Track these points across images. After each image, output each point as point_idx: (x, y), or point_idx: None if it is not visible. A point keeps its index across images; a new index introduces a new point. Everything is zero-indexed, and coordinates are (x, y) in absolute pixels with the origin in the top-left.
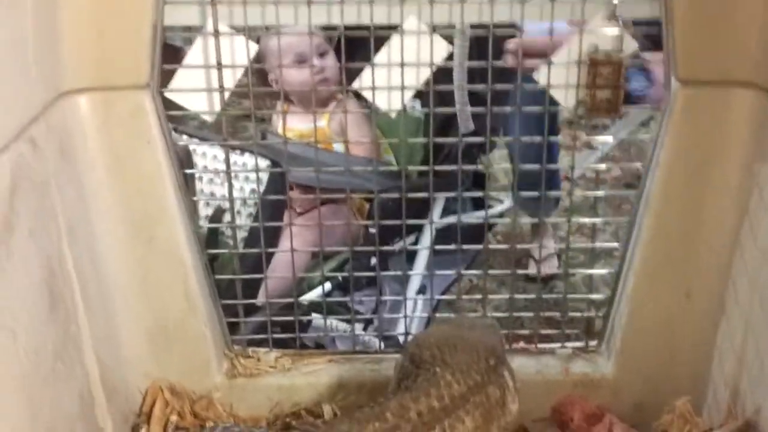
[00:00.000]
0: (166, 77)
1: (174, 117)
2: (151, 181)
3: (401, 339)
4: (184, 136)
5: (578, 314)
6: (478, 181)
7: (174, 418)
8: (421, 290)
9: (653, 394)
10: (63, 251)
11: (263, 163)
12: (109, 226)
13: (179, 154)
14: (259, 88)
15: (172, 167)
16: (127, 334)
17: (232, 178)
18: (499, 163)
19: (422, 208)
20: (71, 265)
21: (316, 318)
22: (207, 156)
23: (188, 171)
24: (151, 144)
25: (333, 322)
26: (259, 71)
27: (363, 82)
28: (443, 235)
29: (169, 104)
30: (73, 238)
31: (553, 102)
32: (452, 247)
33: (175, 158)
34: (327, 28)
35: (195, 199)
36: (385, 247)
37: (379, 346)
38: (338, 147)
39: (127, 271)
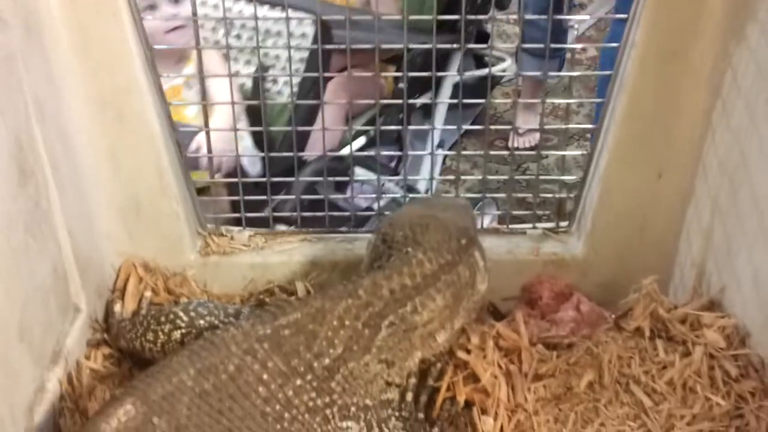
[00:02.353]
0: None
1: None
2: (118, 55)
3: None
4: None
5: (550, 196)
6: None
7: (148, 294)
8: (440, 144)
9: (622, 274)
10: (31, 127)
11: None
12: (78, 102)
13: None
14: None
15: (140, 41)
16: (99, 211)
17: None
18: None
19: (439, 64)
20: (40, 141)
21: (358, 171)
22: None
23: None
24: (117, 17)
25: (363, 172)
26: None
27: None
28: (456, 93)
29: None
30: (41, 114)
31: None
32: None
33: (141, 32)
34: None
35: (162, 75)
36: (411, 100)
37: (404, 198)
38: None
39: (97, 147)
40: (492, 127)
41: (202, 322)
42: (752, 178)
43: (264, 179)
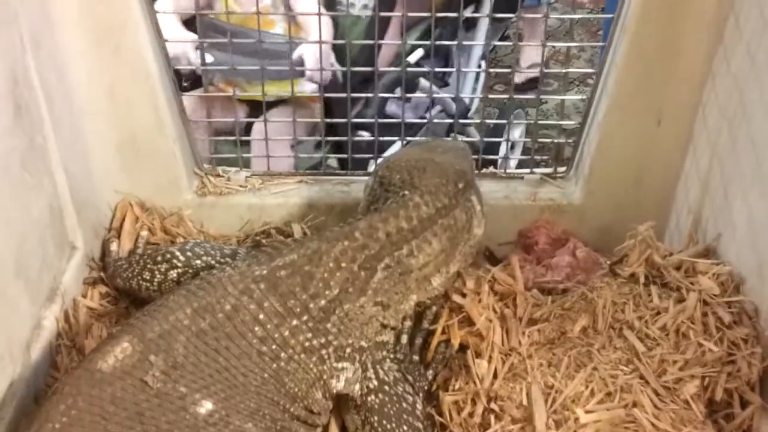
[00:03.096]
0: None
1: None
2: None
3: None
4: None
5: (548, 141)
6: None
7: (144, 233)
8: (483, 56)
9: (618, 220)
10: (27, 61)
11: None
12: (73, 36)
13: None
14: None
15: None
16: (95, 148)
17: None
18: None
19: None
20: (35, 75)
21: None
22: None
23: None
24: None
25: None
26: None
27: None
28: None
29: None
30: (36, 48)
31: None
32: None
33: None
34: None
35: (158, 12)
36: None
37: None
38: None
39: (93, 83)
40: (492, 70)
41: (198, 262)
42: (751, 124)
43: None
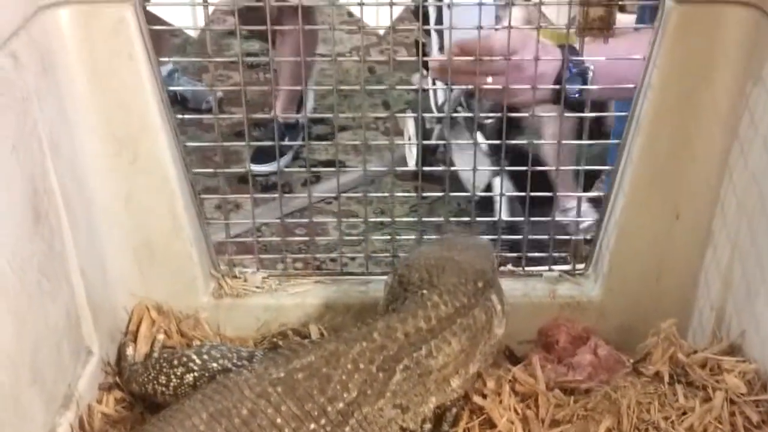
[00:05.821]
0: None
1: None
2: (134, 97)
3: None
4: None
5: (566, 238)
6: None
7: (161, 336)
8: None
9: (639, 317)
10: (46, 168)
11: None
12: (92, 144)
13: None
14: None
15: (155, 83)
16: (112, 253)
17: None
18: None
19: None
20: (55, 182)
21: None
22: None
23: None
24: (133, 59)
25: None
26: None
27: None
28: None
29: (152, 19)
30: (56, 155)
31: None
32: None
33: (158, 74)
34: None
35: (180, 117)
36: None
37: None
38: None
39: (111, 189)
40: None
41: (215, 365)
42: None
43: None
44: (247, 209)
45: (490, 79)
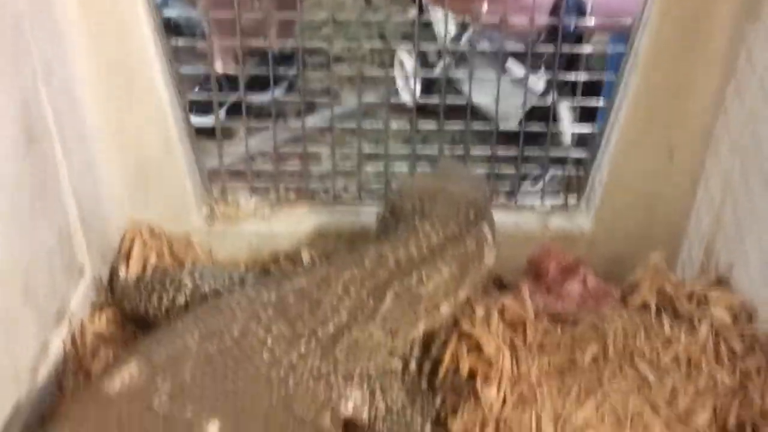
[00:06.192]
0: None
1: None
2: (127, 21)
3: None
4: None
5: (559, 173)
6: None
7: (153, 258)
8: None
9: (629, 250)
10: (38, 89)
11: None
12: (85, 66)
13: None
14: None
15: (149, 7)
16: (105, 175)
17: None
18: None
19: None
20: (47, 104)
21: None
22: None
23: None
24: None
25: None
26: None
27: None
28: None
29: None
30: (48, 77)
31: None
32: None
33: None
34: None
35: (174, 42)
36: None
37: None
38: None
39: (104, 111)
40: None
41: (206, 287)
42: (764, 158)
43: None
44: (240, 137)
45: (485, 8)
